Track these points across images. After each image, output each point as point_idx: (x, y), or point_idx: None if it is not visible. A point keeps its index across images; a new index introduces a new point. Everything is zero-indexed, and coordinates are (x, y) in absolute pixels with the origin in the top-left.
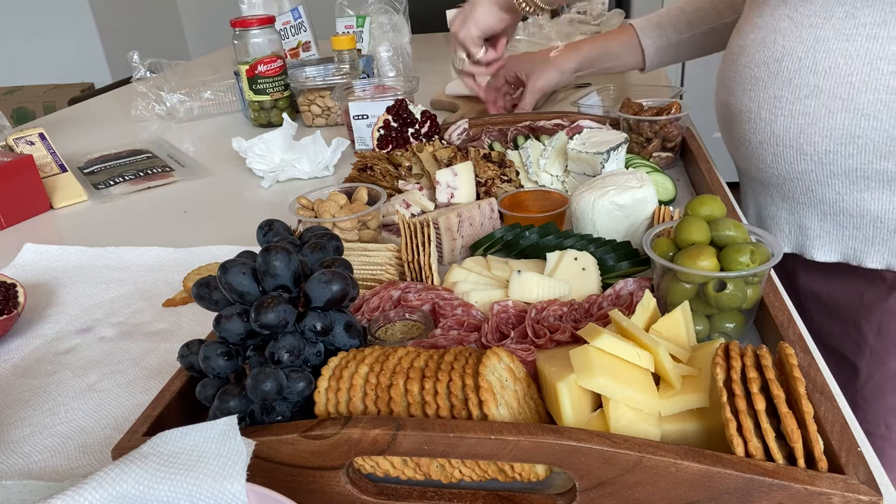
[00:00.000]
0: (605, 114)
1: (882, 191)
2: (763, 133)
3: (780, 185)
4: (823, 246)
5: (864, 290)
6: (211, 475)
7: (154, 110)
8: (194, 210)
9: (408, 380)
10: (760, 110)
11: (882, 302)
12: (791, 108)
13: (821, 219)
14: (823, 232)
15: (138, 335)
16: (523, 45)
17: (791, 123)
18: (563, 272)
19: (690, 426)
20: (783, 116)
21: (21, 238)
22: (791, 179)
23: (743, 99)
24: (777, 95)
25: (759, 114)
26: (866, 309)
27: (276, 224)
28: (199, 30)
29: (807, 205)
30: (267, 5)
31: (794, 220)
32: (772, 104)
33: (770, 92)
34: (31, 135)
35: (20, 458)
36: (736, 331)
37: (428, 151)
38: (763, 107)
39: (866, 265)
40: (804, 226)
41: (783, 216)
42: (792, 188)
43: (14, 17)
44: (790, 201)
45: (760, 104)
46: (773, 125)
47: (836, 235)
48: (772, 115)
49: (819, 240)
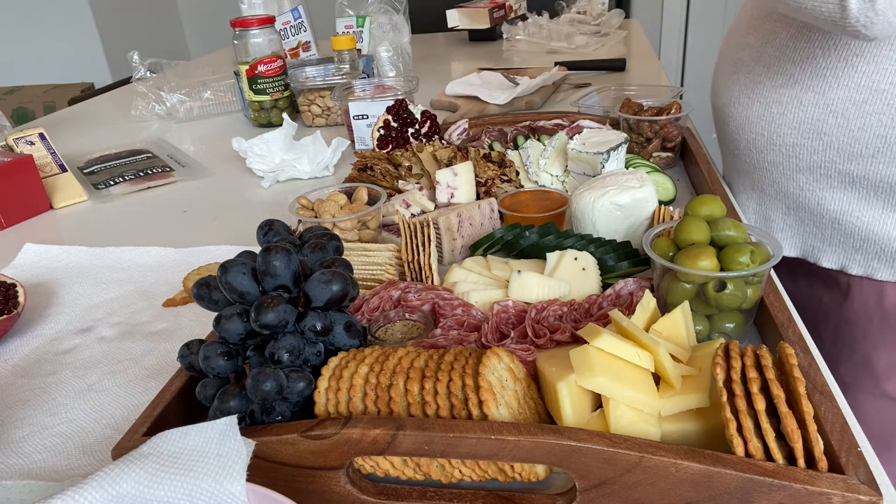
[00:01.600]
0: (605, 114)
1: (843, 192)
2: (740, 118)
3: (751, 174)
4: (785, 240)
5: (822, 294)
6: (211, 475)
7: (154, 110)
8: (194, 210)
9: (408, 380)
10: (740, 94)
11: (837, 309)
12: (767, 96)
13: (784, 212)
14: (786, 226)
15: (138, 335)
16: (523, 45)
17: (765, 111)
18: (563, 272)
19: (690, 426)
20: (759, 103)
21: (21, 238)
22: (760, 169)
23: (727, 81)
24: (756, 81)
25: (738, 97)
26: (824, 314)
27: (276, 224)
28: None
29: (773, 196)
30: (267, 5)
31: (762, 210)
32: (751, 89)
33: (751, 77)
34: (31, 135)
35: (20, 458)
36: (736, 331)
37: (428, 151)
38: (743, 91)
39: (822, 264)
40: (769, 217)
41: (752, 206)
42: (761, 178)
43: (14, 17)
44: (759, 191)
45: (741, 87)
46: (749, 111)
47: (798, 230)
48: (749, 100)
49: (781, 233)
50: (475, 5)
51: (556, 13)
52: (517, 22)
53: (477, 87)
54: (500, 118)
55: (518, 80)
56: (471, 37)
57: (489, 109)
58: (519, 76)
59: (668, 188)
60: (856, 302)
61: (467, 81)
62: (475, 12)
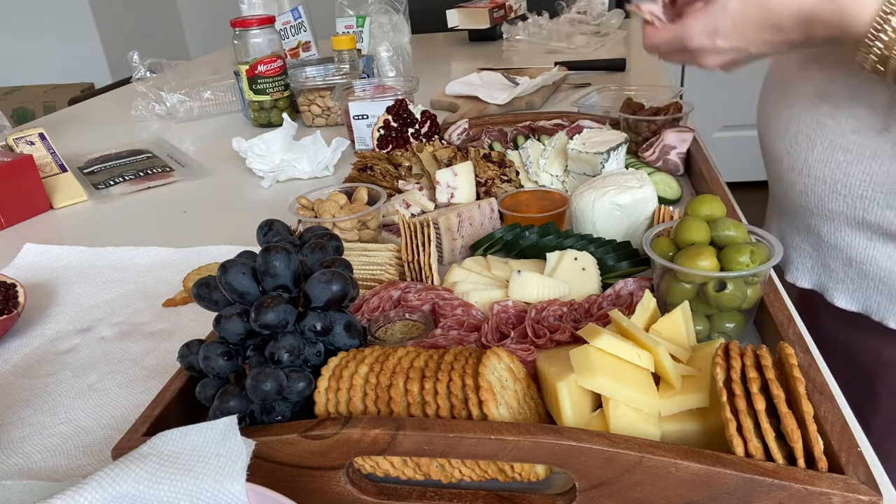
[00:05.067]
0: (605, 114)
1: None
2: (797, 159)
3: (808, 219)
4: (845, 293)
5: (882, 348)
6: (211, 475)
7: (154, 110)
8: (194, 210)
9: (408, 380)
10: (798, 133)
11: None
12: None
13: (845, 263)
14: (847, 278)
15: (138, 335)
16: (523, 45)
17: (830, 157)
18: (563, 272)
19: (690, 426)
20: (821, 147)
21: (21, 238)
22: (819, 216)
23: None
24: (819, 122)
25: (796, 137)
26: (884, 368)
27: (276, 224)
28: (199, 30)
29: (833, 246)
30: (267, 5)
31: (819, 257)
32: (812, 129)
33: (812, 116)
34: (31, 135)
35: (20, 458)
36: (736, 331)
37: (428, 151)
38: (802, 130)
39: (888, 324)
40: (828, 266)
41: (807, 250)
42: (819, 225)
43: (14, 17)
44: (816, 237)
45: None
46: (810, 154)
47: (860, 285)
48: (810, 142)
49: (842, 284)
50: (475, 5)
51: (556, 13)
52: (517, 22)
53: (477, 87)
54: (500, 118)
55: (518, 80)
56: (471, 37)
57: (489, 109)
58: (519, 76)
59: (674, 187)
60: None
61: (467, 81)
62: (475, 12)
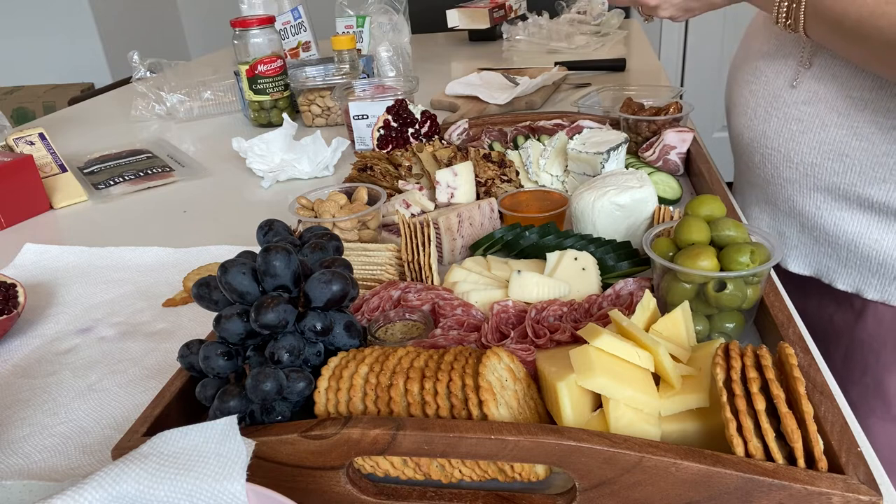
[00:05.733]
0: (605, 114)
1: (862, 215)
2: (755, 130)
3: (765, 188)
4: (798, 258)
5: (833, 313)
6: (211, 475)
7: (154, 110)
8: (194, 210)
9: (408, 380)
10: (758, 106)
11: (849, 330)
12: (786, 111)
13: (799, 230)
14: (800, 243)
15: (138, 335)
16: (523, 45)
17: (783, 127)
18: (563, 272)
19: (690, 426)
20: (777, 118)
21: (21, 238)
22: (775, 185)
23: (744, 91)
24: (776, 94)
25: (755, 109)
26: (836, 334)
27: (276, 224)
28: (199, 30)
29: (787, 213)
30: (267, 5)
31: (775, 225)
32: (769, 102)
33: (770, 89)
34: (31, 135)
35: (20, 458)
36: (736, 331)
37: (428, 151)
38: (760, 103)
39: (836, 286)
40: (783, 233)
41: (765, 220)
42: (775, 194)
43: (14, 17)
44: (772, 206)
45: (758, 99)
46: (766, 125)
47: (812, 249)
48: (766, 114)
49: (795, 250)
50: (475, 5)
51: (556, 13)
52: (517, 22)
53: (477, 87)
54: (500, 118)
55: (518, 80)
56: (471, 37)
57: (489, 109)
58: (519, 76)
59: (674, 187)
60: (869, 325)
61: (467, 81)
62: (475, 12)
